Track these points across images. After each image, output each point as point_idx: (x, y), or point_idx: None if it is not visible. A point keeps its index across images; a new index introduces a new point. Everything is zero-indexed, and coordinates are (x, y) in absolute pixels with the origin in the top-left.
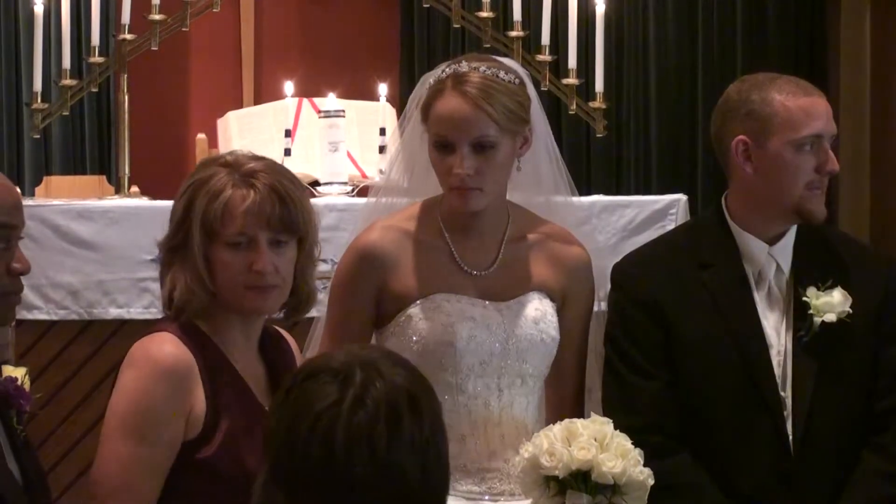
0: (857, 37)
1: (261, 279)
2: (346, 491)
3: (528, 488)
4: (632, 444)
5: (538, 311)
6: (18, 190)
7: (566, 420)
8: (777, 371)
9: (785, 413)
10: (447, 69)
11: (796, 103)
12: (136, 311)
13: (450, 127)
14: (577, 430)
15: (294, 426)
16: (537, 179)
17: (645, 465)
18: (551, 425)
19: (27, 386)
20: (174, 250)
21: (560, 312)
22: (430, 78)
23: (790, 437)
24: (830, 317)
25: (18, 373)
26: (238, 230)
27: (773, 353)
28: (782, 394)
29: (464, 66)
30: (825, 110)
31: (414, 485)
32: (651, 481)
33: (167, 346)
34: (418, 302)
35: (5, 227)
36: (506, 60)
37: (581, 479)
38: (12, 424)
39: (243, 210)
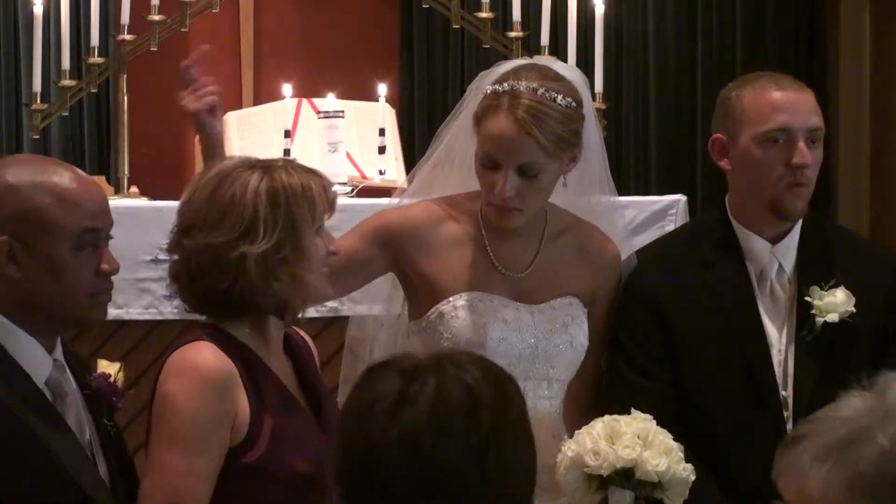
0: (857, 36)
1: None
2: (392, 487)
3: (571, 486)
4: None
5: (569, 316)
6: (103, 189)
7: (608, 417)
8: (778, 371)
9: (786, 413)
10: (505, 84)
11: (763, 98)
12: (135, 312)
13: (497, 148)
14: (620, 429)
15: (348, 413)
16: (584, 185)
17: None
18: (593, 422)
19: (120, 381)
20: (273, 254)
21: (589, 308)
22: (489, 79)
23: None
24: (833, 317)
25: (113, 368)
26: (321, 217)
27: (774, 352)
28: (783, 393)
29: (522, 85)
30: (796, 105)
31: (474, 485)
32: (693, 477)
33: (208, 355)
34: (450, 299)
35: (92, 231)
36: (562, 69)
37: (624, 476)
38: (102, 420)
39: (330, 199)
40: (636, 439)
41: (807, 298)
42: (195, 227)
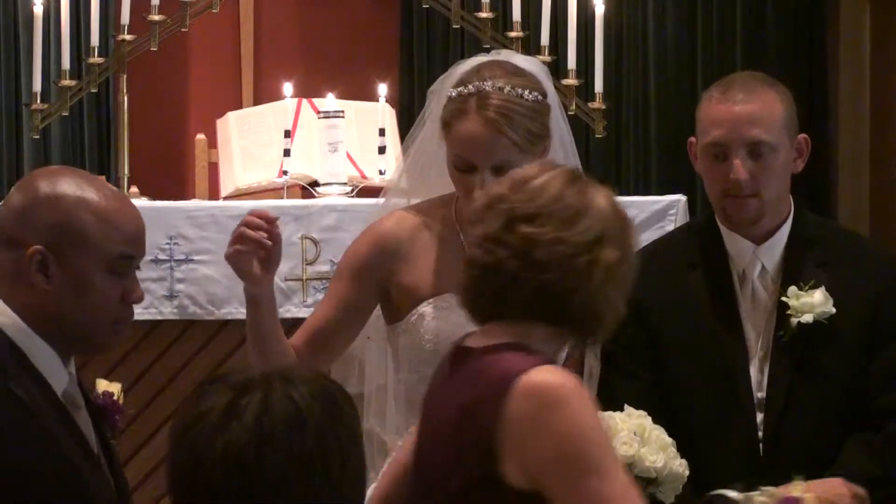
0: (857, 37)
1: None
2: (214, 500)
3: None
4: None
5: None
6: (141, 215)
7: (604, 413)
8: (754, 372)
9: (760, 415)
10: (471, 86)
11: (706, 110)
12: (135, 312)
13: (472, 151)
14: (616, 426)
15: (175, 426)
16: None
17: None
18: None
19: (121, 400)
20: (615, 267)
21: None
22: (450, 82)
23: (760, 438)
24: (807, 317)
25: (114, 388)
26: None
27: (752, 354)
28: (759, 395)
29: (488, 85)
30: (732, 119)
31: (300, 499)
32: (687, 472)
33: (569, 377)
34: (431, 300)
35: (127, 258)
36: (522, 61)
37: None
38: (105, 436)
39: None
40: (633, 436)
41: (783, 298)
42: (538, 217)
